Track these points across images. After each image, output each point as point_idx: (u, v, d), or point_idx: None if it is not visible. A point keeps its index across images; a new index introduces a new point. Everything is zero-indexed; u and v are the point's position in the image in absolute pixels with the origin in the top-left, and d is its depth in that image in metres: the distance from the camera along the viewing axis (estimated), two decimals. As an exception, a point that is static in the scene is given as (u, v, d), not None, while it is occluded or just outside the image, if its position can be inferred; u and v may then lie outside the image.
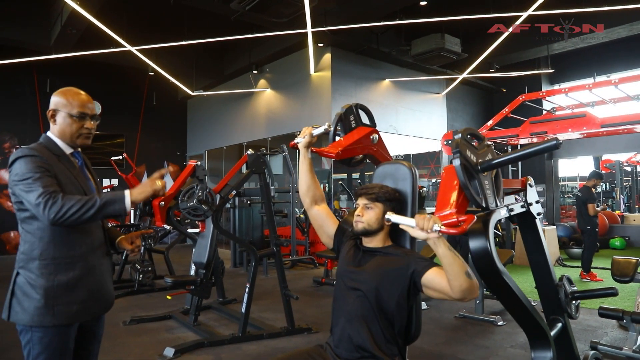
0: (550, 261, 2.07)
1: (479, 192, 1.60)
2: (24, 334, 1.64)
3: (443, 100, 10.43)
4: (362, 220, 1.78)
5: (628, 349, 3.25)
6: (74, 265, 1.65)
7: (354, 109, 2.12)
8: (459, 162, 1.52)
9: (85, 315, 1.69)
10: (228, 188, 4.00)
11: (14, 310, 1.62)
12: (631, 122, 5.68)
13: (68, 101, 1.72)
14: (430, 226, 1.43)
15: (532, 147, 1.58)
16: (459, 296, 1.52)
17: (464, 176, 1.52)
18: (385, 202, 1.78)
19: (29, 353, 1.63)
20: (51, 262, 1.62)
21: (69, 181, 1.67)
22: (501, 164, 1.66)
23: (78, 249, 1.67)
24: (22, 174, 1.57)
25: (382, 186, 1.82)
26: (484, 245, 1.60)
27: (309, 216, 1.99)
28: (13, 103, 9.56)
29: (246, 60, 9.44)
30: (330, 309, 1.84)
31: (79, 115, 1.72)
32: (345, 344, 1.71)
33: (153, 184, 1.67)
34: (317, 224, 1.98)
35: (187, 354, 3.47)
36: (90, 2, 6.20)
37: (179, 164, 11.82)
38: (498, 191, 1.74)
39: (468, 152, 1.60)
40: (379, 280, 1.69)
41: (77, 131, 1.73)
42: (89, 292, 1.69)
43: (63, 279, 1.62)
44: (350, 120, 2.09)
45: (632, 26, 7.69)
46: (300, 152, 1.92)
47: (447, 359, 3.36)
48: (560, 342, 2.03)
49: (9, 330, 4.07)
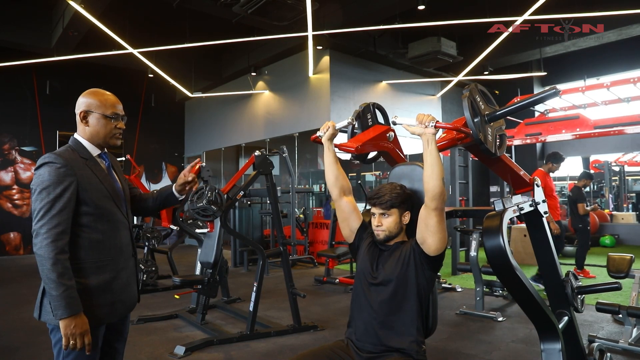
0: (556, 258, 2.19)
1: (480, 130, 1.77)
2: (54, 333, 1.65)
3: (438, 102, 10.60)
4: (382, 229, 1.86)
5: (624, 342, 3.40)
6: (103, 269, 1.68)
7: (372, 108, 2.21)
8: (467, 99, 1.73)
9: (113, 317, 1.73)
10: (236, 189, 4.08)
11: (44, 310, 1.65)
12: (623, 124, 5.87)
13: (101, 102, 1.73)
14: (428, 120, 1.64)
15: (533, 97, 1.80)
16: (431, 198, 1.67)
17: (469, 112, 1.72)
18: (400, 205, 1.87)
19: (59, 351, 1.65)
20: (82, 266, 1.64)
21: (94, 187, 1.68)
22: (505, 113, 1.87)
23: (107, 254, 1.70)
24: (41, 182, 1.59)
25: (391, 189, 1.88)
26: (498, 242, 1.69)
27: (336, 207, 2.02)
28: (13, 105, 9.57)
29: (245, 63, 9.51)
30: (334, 307, 1.94)
31: (112, 116, 1.74)
32: (368, 338, 1.79)
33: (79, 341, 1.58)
34: (343, 215, 2.00)
35: (197, 352, 3.55)
36: (94, 5, 6.25)
37: (177, 165, 11.85)
38: (501, 146, 1.92)
39: (477, 96, 1.81)
40: (398, 271, 1.80)
41: (111, 132, 1.76)
42: (116, 295, 1.72)
43: (93, 282, 1.65)
44: (367, 118, 2.18)
45: (621, 31, 7.90)
46: (324, 145, 1.98)
47: (451, 354, 3.47)
48: (567, 334, 2.15)
49: (20, 329, 4.14)
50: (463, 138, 1.92)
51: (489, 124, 1.85)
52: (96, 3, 6.26)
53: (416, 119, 1.67)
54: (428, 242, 1.74)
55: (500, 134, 1.94)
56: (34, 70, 9.41)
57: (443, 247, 1.76)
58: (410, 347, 1.74)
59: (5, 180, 9.49)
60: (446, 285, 5.64)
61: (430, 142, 1.66)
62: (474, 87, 1.82)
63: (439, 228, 1.71)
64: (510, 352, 3.47)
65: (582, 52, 9.31)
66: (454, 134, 1.94)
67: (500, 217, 1.75)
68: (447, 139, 1.97)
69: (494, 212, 1.81)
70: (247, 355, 3.51)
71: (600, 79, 9.13)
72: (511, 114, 1.92)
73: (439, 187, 1.66)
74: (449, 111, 10.99)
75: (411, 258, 1.79)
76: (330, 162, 1.99)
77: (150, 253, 6.04)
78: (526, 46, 8.83)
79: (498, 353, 3.45)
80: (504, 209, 1.81)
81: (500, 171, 2.19)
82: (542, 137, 6.54)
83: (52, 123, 9.87)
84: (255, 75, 9.65)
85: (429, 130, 1.65)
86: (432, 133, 1.65)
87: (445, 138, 1.97)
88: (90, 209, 1.67)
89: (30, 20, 8.05)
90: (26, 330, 4.13)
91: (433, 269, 1.81)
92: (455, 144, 2.02)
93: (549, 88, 1.75)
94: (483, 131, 1.80)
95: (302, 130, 8.74)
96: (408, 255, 1.80)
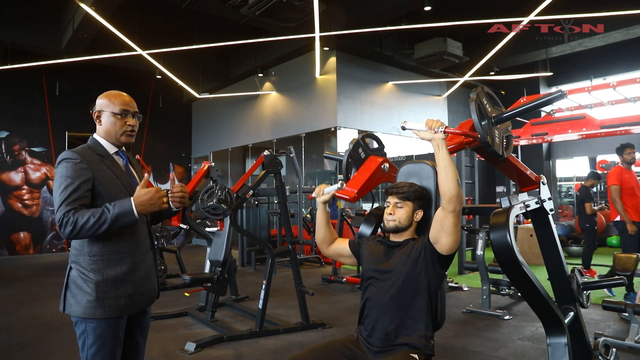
0: (562, 254, 2.23)
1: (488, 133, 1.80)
2: (79, 325, 1.71)
3: (444, 102, 10.63)
4: (393, 218, 1.92)
5: (630, 340, 3.42)
6: (121, 261, 1.74)
7: (361, 142, 2.25)
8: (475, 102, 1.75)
9: (132, 309, 1.78)
10: (245, 188, 4.14)
11: (68, 302, 1.71)
12: (629, 124, 5.86)
13: (110, 101, 1.82)
14: (437, 126, 1.66)
15: (539, 99, 1.82)
16: (448, 201, 1.70)
17: (477, 115, 1.74)
18: (415, 201, 1.92)
19: (84, 343, 1.71)
20: (100, 258, 1.71)
21: (110, 181, 1.75)
22: (512, 116, 1.89)
23: (124, 246, 1.75)
24: (60, 177, 1.68)
25: (410, 184, 1.96)
26: (504, 237, 1.73)
27: (326, 255, 2.18)
28: (23, 106, 9.72)
29: (252, 64, 9.59)
30: (341, 306, 2.00)
31: (121, 113, 1.81)
32: (378, 332, 1.83)
33: (160, 197, 1.69)
34: (335, 256, 2.15)
35: (207, 349, 3.60)
36: (103, 8, 6.34)
37: (184, 165, 11.95)
38: (507, 147, 1.96)
39: (484, 99, 1.83)
40: (408, 267, 1.84)
41: (121, 128, 1.82)
42: (135, 287, 1.77)
43: (112, 274, 1.71)
44: (359, 153, 2.22)
45: (628, 30, 7.90)
46: (318, 207, 2.08)
47: (458, 351, 3.51)
48: (573, 330, 2.18)
49: (32, 327, 4.22)
50: (471, 142, 1.95)
51: (496, 126, 1.88)
52: (106, 5, 6.36)
53: (425, 124, 1.70)
54: (442, 242, 1.78)
55: (506, 135, 1.98)
56: (44, 72, 9.53)
57: (456, 248, 1.80)
58: (419, 342, 1.77)
59: (15, 181, 9.63)
60: (453, 285, 5.67)
61: (441, 147, 1.69)
62: (481, 90, 1.85)
63: (454, 230, 1.74)
64: (517, 349, 3.50)
65: (588, 52, 9.31)
66: (462, 137, 1.98)
67: (507, 213, 1.80)
68: (456, 143, 2.00)
69: (501, 209, 1.85)
70: (257, 351, 3.56)
71: (607, 78, 9.12)
72: (518, 117, 1.95)
73: (454, 188, 1.69)
74: (455, 112, 11.01)
75: (422, 255, 1.83)
76: (322, 223, 2.11)
77: (159, 252, 6.12)
78: (532, 46, 8.84)
79: (504, 350, 3.48)
80: (511, 206, 1.85)
81: (506, 171, 2.23)
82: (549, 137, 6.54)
83: (61, 124, 10.01)
84: (262, 76, 9.73)
85: (439, 136, 1.68)
86: (441, 138, 1.68)
87: (454, 142, 2.00)
88: (106, 202, 1.71)
89: (40, 22, 8.17)
90: (38, 327, 4.21)
91: (443, 266, 1.85)
92: (463, 147, 2.05)
93: (555, 91, 1.78)
94: (490, 134, 1.83)
95: (308, 130, 8.80)
96: (419, 252, 1.84)
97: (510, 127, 2.03)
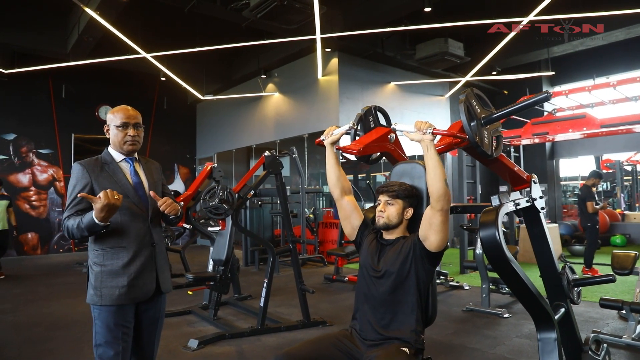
0: (553, 251, 2.28)
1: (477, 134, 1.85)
2: (92, 311, 1.97)
3: (446, 102, 10.66)
4: (383, 215, 1.98)
5: (627, 337, 3.45)
6: (117, 255, 1.95)
7: (373, 111, 2.31)
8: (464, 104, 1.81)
9: (126, 300, 1.94)
10: (247, 188, 4.21)
11: (88, 293, 1.96)
12: (630, 123, 5.89)
13: (114, 116, 2.06)
14: (425, 127, 1.72)
15: (525, 101, 1.88)
16: (436, 200, 1.76)
17: (465, 116, 1.79)
18: (405, 199, 1.98)
19: (93, 326, 1.97)
20: (100, 252, 1.96)
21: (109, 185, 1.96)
22: (500, 117, 1.93)
23: (122, 242, 1.97)
24: (70, 182, 2.00)
25: (401, 184, 2.02)
26: (493, 235, 1.77)
27: (338, 206, 2.15)
28: (30, 109, 9.87)
29: (255, 65, 9.67)
30: (342, 305, 2.04)
31: (122, 125, 2.04)
32: (371, 327, 1.90)
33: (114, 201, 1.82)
34: (344, 214, 2.12)
35: (210, 346, 3.67)
36: (108, 12, 6.44)
37: (189, 166, 12.06)
38: (497, 147, 2.00)
39: (473, 101, 1.89)
40: (398, 264, 1.90)
41: (123, 139, 2.05)
42: (129, 279, 1.94)
43: (108, 266, 1.94)
44: (369, 121, 2.28)
45: (630, 29, 7.89)
46: (327, 148, 2.11)
47: (457, 348, 3.56)
48: (564, 325, 2.23)
49: (40, 324, 4.32)
50: (460, 142, 2.00)
51: (485, 127, 1.94)
52: (110, 9, 6.46)
53: (414, 125, 1.76)
54: (430, 240, 1.83)
55: (496, 136, 2.03)
56: (50, 75, 9.67)
57: (444, 245, 1.85)
58: (409, 337, 1.83)
59: (23, 182, 9.78)
60: (454, 284, 5.71)
61: (430, 148, 1.75)
62: (470, 92, 1.91)
63: (442, 228, 1.80)
64: (514, 346, 3.55)
65: (590, 51, 9.30)
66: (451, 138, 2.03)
67: (497, 211, 1.85)
68: (445, 143, 2.05)
69: (491, 207, 1.90)
70: (258, 348, 3.63)
71: (610, 77, 9.12)
72: (506, 117, 2.00)
73: (442, 188, 1.75)
74: (457, 112, 11.02)
75: (411, 252, 1.89)
76: (332, 164, 2.13)
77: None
78: (534, 46, 8.85)
79: (502, 347, 3.52)
80: (500, 204, 1.90)
81: (498, 170, 2.28)
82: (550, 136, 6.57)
83: (67, 126, 10.14)
84: (265, 77, 9.81)
85: (427, 137, 1.73)
86: (430, 139, 1.74)
87: (443, 142, 2.05)
88: None
89: (46, 26, 8.30)
90: (45, 325, 4.31)
91: (432, 263, 1.91)
92: (452, 147, 2.10)
93: (542, 92, 1.84)
94: (479, 134, 1.88)
95: (311, 131, 8.86)
96: (408, 249, 1.90)
97: (500, 127, 2.08)
